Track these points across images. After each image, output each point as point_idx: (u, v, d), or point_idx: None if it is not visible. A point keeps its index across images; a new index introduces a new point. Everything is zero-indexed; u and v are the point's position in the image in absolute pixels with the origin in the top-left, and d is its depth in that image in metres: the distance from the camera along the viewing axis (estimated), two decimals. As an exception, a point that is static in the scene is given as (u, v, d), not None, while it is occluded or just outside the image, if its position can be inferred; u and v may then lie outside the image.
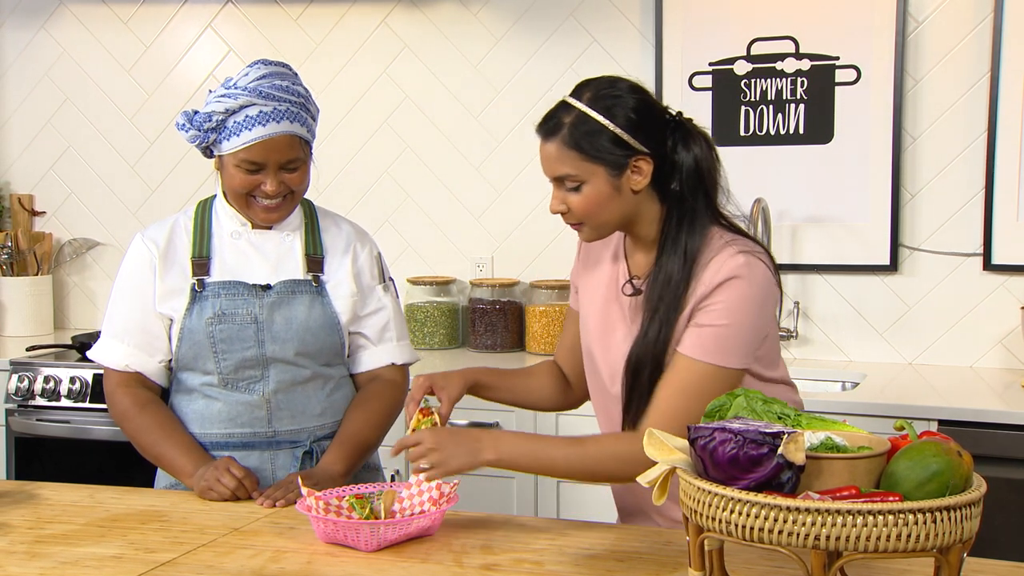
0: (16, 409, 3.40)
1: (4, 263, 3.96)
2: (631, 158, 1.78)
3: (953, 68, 3.22)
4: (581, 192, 1.80)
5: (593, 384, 2.00)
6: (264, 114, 2.02)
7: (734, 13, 3.37)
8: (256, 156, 2.04)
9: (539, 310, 3.51)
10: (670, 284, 1.79)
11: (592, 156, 1.77)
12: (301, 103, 2.07)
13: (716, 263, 1.77)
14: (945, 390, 3.00)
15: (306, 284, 2.15)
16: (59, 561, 1.67)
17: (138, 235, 2.19)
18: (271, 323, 2.11)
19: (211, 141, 2.07)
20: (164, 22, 3.96)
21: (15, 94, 4.14)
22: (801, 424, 1.45)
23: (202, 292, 2.11)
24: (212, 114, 2.04)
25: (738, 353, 1.78)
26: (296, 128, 2.06)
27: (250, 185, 2.07)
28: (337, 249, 2.21)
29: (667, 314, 1.79)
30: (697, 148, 1.82)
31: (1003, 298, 3.23)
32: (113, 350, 2.14)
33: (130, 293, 2.15)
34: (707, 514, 1.29)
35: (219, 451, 2.12)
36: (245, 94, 2.03)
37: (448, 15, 3.69)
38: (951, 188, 3.25)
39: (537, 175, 3.66)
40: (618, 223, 1.85)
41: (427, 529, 1.77)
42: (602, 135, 1.77)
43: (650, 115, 1.81)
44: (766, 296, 1.80)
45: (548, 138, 1.81)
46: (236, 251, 2.15)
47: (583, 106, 1.79)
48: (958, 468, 1.29)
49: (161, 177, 4.02)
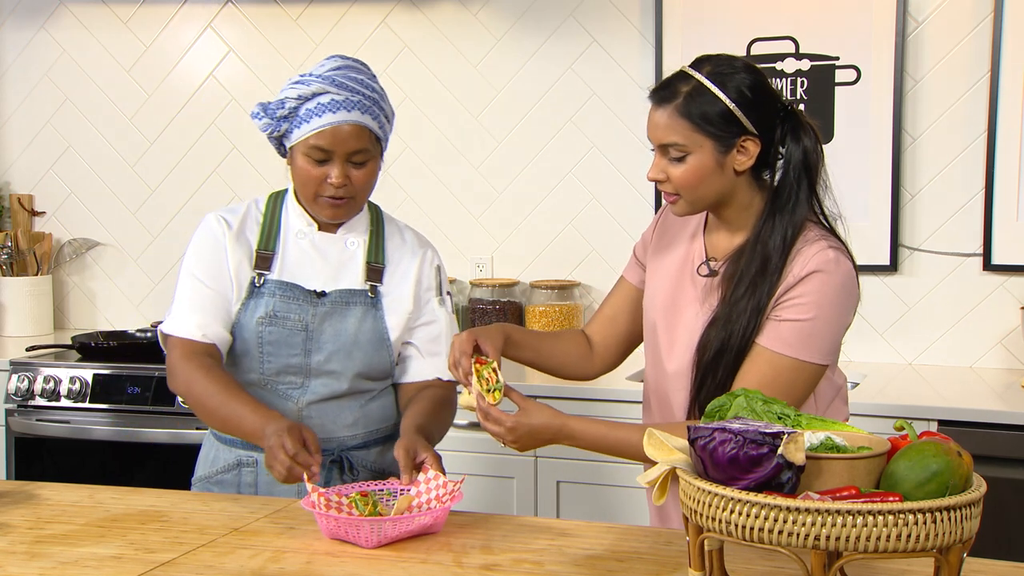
0: (16, 409, 3.40)
1: (4, 263, 3.96)
2: (740, 137, 1.79)
3: (953, 68, 3.22)
4: (684, 163, 1.80)
5: (650, 356, 2.00)
6: (336, 102, 2.00)
7: (734, 13, 3.37)
8: (324, 142, 2.00)
9: (539, 310, 3.51)
10: (767, 270, 1.80)
11: (702, 128, 1.78)
12: (375, 98, 2.05)
13: (805, 255, 1.78)
14: (945, 390, 3.00)
15: (362, 295, 2.12)
16: (59, 561, 1.67)
17: (211, 214, 2.15)
18: (320, 333, 2.08)
19: (283, 131, 2.05)
20: (164, 22, 3.96)
21: (15, 94, 4.14)
22: (801, 424, 1.45)
23: (260, 288, 2.09)
24: (285, 100, 2.02)
25: (822, 348, 1.79)
26: (367, 120, 2.02)
27: (318, 177, 2.03)
28: (400, 262, 2.17)
29: (761, 298, 1.79)
30: (807, 140, 1.83)
31: (1003, 298, 3.23)
32: (189, 321, 2.07)
33: (205, 264, 2.10)
34: (707, 514, 1.29)
35: (248, 451, 2.10)
36: (319, 81, 2.01)
37: (448, 15, 3.69)
38: (951, 188, 3.25)
39: (537, 175, 3.68)
40: (713, 201, 1.85)
41: (431, 527, 1.77)
42: (716, 109, 1.78)
43: (764, 98, 1.82)
44: (850, 295, 1.81)
45: (661, 104, 1.81)
46: (299, 251, 2.13)
47: (702, 77, 1.80)
48: (958, 468, 1.29)
49: (161, 177, 4.01)
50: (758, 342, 1.79)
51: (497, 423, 1.85)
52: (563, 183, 3.62)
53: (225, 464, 2.14)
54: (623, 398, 2.94)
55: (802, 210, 1.83)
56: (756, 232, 1.83)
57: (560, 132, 3.61)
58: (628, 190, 3.54)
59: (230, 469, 2.13)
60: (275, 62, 3.84)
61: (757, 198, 1.86)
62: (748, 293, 1.80)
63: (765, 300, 1.79)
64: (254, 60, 3.87)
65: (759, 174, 1.86)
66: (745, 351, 1.80)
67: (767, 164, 1.85)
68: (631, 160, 3.54)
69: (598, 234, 3.59)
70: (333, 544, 1.74)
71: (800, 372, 1.78)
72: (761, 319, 1.79)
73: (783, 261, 1.80)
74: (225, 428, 2.03)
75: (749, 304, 1.79)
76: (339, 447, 2.11)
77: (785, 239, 1.81)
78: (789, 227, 1.81)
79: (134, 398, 3.31)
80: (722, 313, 1.82)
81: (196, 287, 2.09)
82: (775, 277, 1.79)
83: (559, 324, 3.48)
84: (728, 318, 1.81)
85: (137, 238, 4.06)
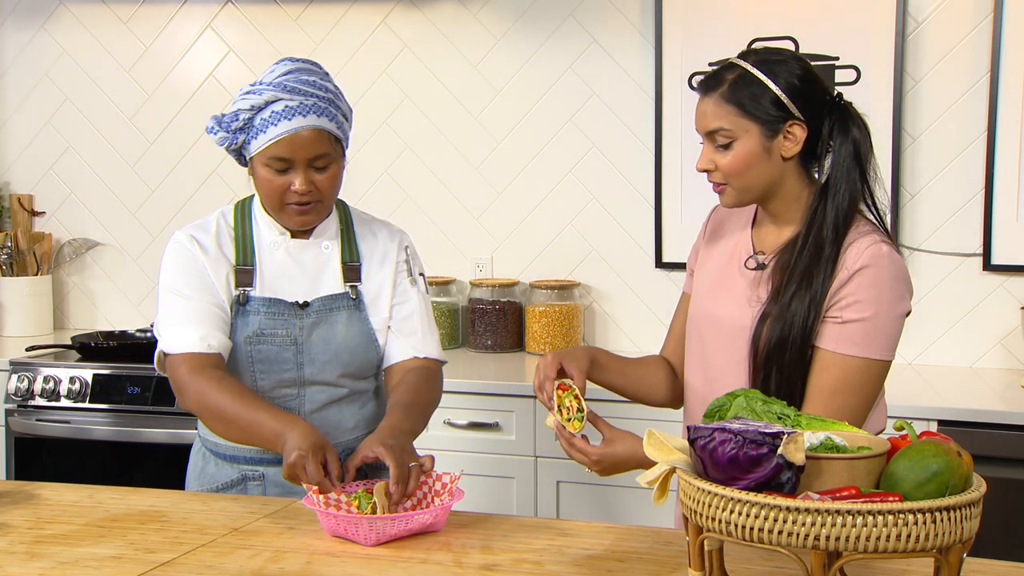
0: (16, 409, 3.40)
1: (4, 263, 3.96)
2: (786, 122, 1.79)
3: (953, 68, 3.22)
4: (731, 149, 1.80)
5: (695, 345, 1.97)
6: (290, 108, 1.97)
7: (734, 13, 3.37)
8: (284, 152, 1.97)
9: (539, 310, 3.51)
10: (820, 259, 1.79)
11: (748, 112, 1.78)
12: (329, 99, 2.01)
13: (858, 247, 1.78)
14: (945, 390, 3.00)
15: (344, 298, 2.11)
16: (59, 561, 1.67)
17: (179, 234, 2.09)
18: (309, 345, 2.06)
19: (240, 143, 2.02)
20: (164, 22, 3.96)
21: (15, 94, 4.14)
22: (801, 424, 1.45)
23: (245, 306, 2.06)
24: (239, 112, 1.99)
25: (886, 343, 1.79)
26: (324, 123, 1.99)
27: (281, 187, 2.01)
28: (374, 257, 2.16)
29: (817, 288, 1.78)
30: (856, 131, 1.83)
31: (1003, 298, 3.23)
32: (188, 335, 2.00)
33: (186, 279, 2.04)
34: (707, 514, 1.29)
35: (252, 466, 2.08)
36: (270, 89, 1.98)
37: (448, 15, 3.69)
38: (951, 188, 3.25)
39: (537, 175, 3.67)
40: (762, 190, 1.84)
41: (431, 525, 1.77)
42: (763, 94, 1.79)
43: (812, 85, 1.82)
44: (905, 285, 1.81)
45: (708, 92, 1.83)
46: (275, 262, 2.10)
47: (748, 65, 1.81)
48: (958, 468, 1.29)
49: (161, 177, 4.01)
50: (822, 346, 1.79)
51: (582, 454, 1.84)
52: (563, 183, 3.62)
53: (228, 480, 2.11)
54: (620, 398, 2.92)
55: (854, 200, 1.83)
56: (808, 222, 1.83)
57: (560, 132, 3.61)
58: (628, 190, 3.54)
59: (234, 485, 2.10)
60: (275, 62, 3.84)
61: (806, 192, 1.86)
62: (804, 284, 1.79)
63: (821, 292, 1.78)
64: (254, 60, 3.87)
65: (808, 167, 1.86)
66: (806, 343, 1.79)
67: (815, 156, 1.85)
68: (631, 160, 3.54)
69: (598, 234, 3.59)
70: (333, 544, 1.73)
71: (869, 370, 1.78)
72: (819, 311, 1.78)
73: (836, 251, 1.79)
74: (245, 438, 1.98)
75: (806, 295, 1.78)
76: (344, 452, 2.09)
77: (838, 228, 1.80)
78: (841, 216, 1.81)
79: (134, 398, 3.31)
80: (777, 306, 1.81)
81: (183, 302, 2.04)
82: (829, 267, 1.78)
83: (559, 324, 3.48)
84: (784, 310, 1.79)
85: (137, 238, 4.06)
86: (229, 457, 2.11)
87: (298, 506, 1.93)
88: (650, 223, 3.53)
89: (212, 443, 2.13)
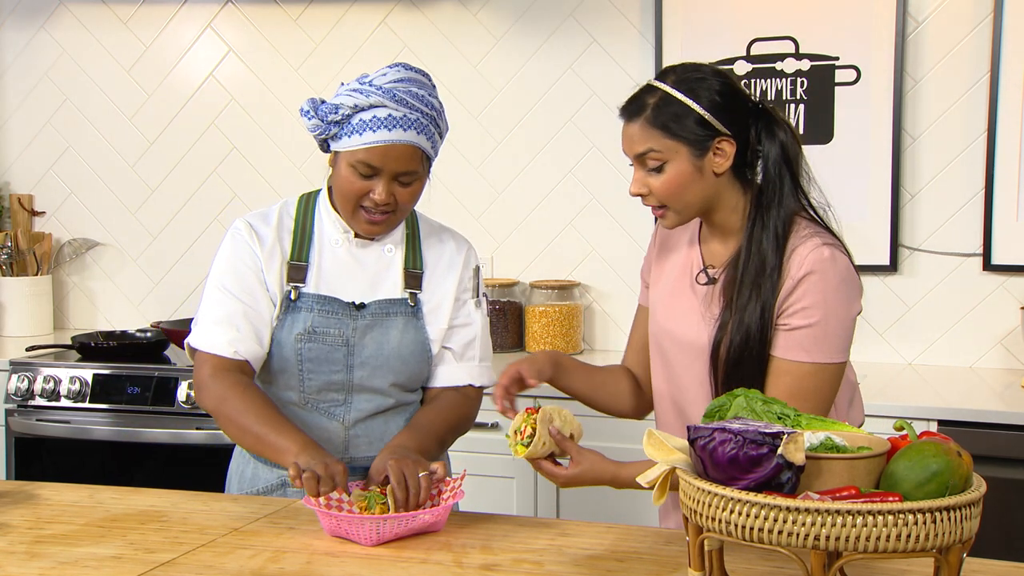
0: (16, 409, 3.40)
1: (4, 263, 3.96)
2: (714, 139, 1.78)
3: (953, 68, 3.22)
4: (663, 172, 1.80)
5: (659, 370, 1.97)
6: (393, 118, 1.92)
7: (734, 13, 3.37)
8: (374, 159, 1.92)
9: (539, 310, 3.51)
10: (765, 269, 1.79)
11: (675, 135, 1.77)
12: (433, 117, 1.96)
13: (800, 254, 1.78)
14: (945, 390, 3.00)
15: (402, 304, 2.04)
16: (58, 561, 1.67)
17: (241, 221, 2.04)
18: (362, 347, 2.01)
19: (331, 134, 1.96)
20: (164, 22, 3.96)
21: (15, 94, 4.14)
22: (801, 424, 1.45)
23: (296, 302, 2.00)
24: (340, 106, 1.93)
25: (837, 346, 1.79)
26: (422, 141, 1.94)
27: (360, 190, 1.94)
28: (438, 267, 2.10)
29: (767, 298, 1.78)
30: (782, 134, 1.83)
31: (1003, 298, 3.23)
32: (219, 336, 1.97)
33: (236, 276, 2.00)
34: (707, 514, 1.29)
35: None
36: (379, 93, 1.92)
37: (448, 15, 3.69)
38: (951, 188, 3.25)
39: (537, 175, 3.67)
40: (700, 207, 1.84)
41: (432, 524, 1.77)
42: (686, 115, 1.77)
43: (734, 99, 1.81)
44: (851, 287, 1.80)
45: (632, 118, 1.81)
46: (335, 260, 2.04)
47: (668, 87, 1.79)
48: (958, 468, 1.29)
49: (161, 177, 4.01)
50: (774, 354, 1.79)
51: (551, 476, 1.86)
52: (563, 183, 3.62)
53: (267, 485, 2.07)
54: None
55: (789, 204, 1.82)
56: (748, 234, 1.82)
57: (560, 132, 3.61)
58: (628, 190, 3.54)
59: (274, 489, 2.07)
60: (275, 62, 3.84)
61: (743, 199, 1.85)
62: (753, 296, 1.79)
63: (771, 299, 1.78)
64: (254, 60, 3.87)
65: (742, 175, 1.85)
66: (764, 353, 1.79)
67: (747, 164, 1.84)
68: (631, 160, 3.54)
69: (598, 234, 3.59)
70: (333, 544, 1.73)
71: (822, 374, 1.78)
72: (771, 319, 1.78)
73: (779, 259, 1.79)
74: (257, 448, 1.94)
75: (757, 306, 1.78)
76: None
77: (778, 236, 1.80)
78: (779, 224, 1.81)
79: (134, 398, 3.31)
80: (731, 319, 1.80)
81: (225, 300, 1.99)
82: (775, 276, 1.78)
83: (559, 324, 3.48)
84: (739, 323, 1.79)
85: (137, 238, 4.06)
86: (270, 462, 2.04)
87: (298, 506, 1.93)
88: (650, 223, 3.52)
89: None
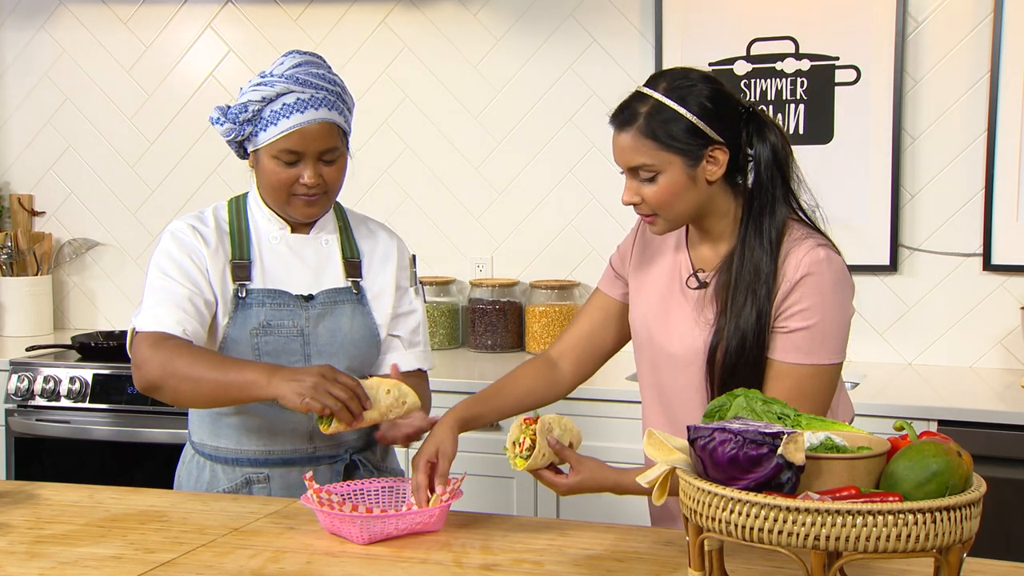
0: (16, 409, 3.40)
1: (4, 263, 3.96)
2: (707, 148, 1.78)
3: (953, 68, 3.22)
4: (656, 183, 1.79)
5: (647, 376, 1.97)
6: (302, 101, 1.96)
7: (734, 13, 3.37)
8: (295, 145, 1.96)
9: (539, 310, 3.51)
10: (760, 273, 1.79)
11: (668, 146, 1.76)
12: (338, 92, 2.02)
13: (796, 256, 1.78)
14: (945, 390, 3.00)
15: (347, 292, 2.10)
16: (58, 561, 1.67)
17: (179, 223, 2.06)
18: (316, 336, 2.05)
19: (247, 134, 2.00)
20: (164, 22, 3.96)
21: (15, 94, 4.14)
22: (801, 424, 1.45)
23: (245, 299, 2.03)
24: (248, 104, 1.97)
25: (834, 347, 1.79)
26: (334, 116, 2.00)
27: (288, 179, 1.99)
28: (375, 256, 2.16)
29: (762, 302, 1.78)
30: (773, 136, 1.82)
31: (1003, 298, 3.23)
32: (164, 316, 1.94)
33: (178, 266, 2.00)
34: (707, 514, 1.29)
35: (257, 468, 2.07)
36: (282, 81, 1.97)
37: (448, 15, 3.69)
38: (951, 188, 3.25)
39: (537, 175, 3.67)
40: (692, 214, 1.84)
41: (427, 525, 1.77)
42: (678, 124, 1.76)
43: (725, 105, 1.80)
44: (846, 288, 1.81)
45: (623, 128, 1.80)
46: (276, 256, 2.08)
47: (659, 95, 1.78)
48: (958, 468, 1.29)
49: (161, 177, 4.01)
50: (772, 357, 1.79)
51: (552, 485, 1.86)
52: (563, 183, 3.62)
53: (231, 486, 2.08)
54: (622, 398, 2.94)
55: (781, 208, 1.82)
56: (741, 238, 1.82)
57: (560, 132, 3.61)
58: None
59: (237, 491, 2.08)
60: (275, 62, 3.84)
61: (735, 204, 1.85)
62: (749, 299, 1.78)
63: (767, 303, 1.78)
64: (254, 60, 3.87)
65: (733, 180, 1.84)
66: (761, 356, 1.79)
67: (738, 169, 1.84)
68: (631, 160, 3.54)
69: (598, 234, 3.59)
70: (333, 544, 1.73)
71: (821, 375, 1.78)
72: (767, 322, 1.78)
73: (774, 263, 1.79)
74: (219, 394, 1.88)
75: (753, 310, 1.78)
76: (349, 451, 2.10)
77: (771, 241, 1.80)
78: (772, 228, 1.81)
79: (134, 398, 3.31)
80: (727, 324, 1.80)
81: (169, 286, 1.99)
82: (771, 280, 1.79)
83: (559, 324, 3.48)
84: (735, 328, 1.79)
85: (137, 238, 4.06)
86: (231, 460, 2.08)
87: (298, 506, 1.93)
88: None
89: (211, 448, 2.10)
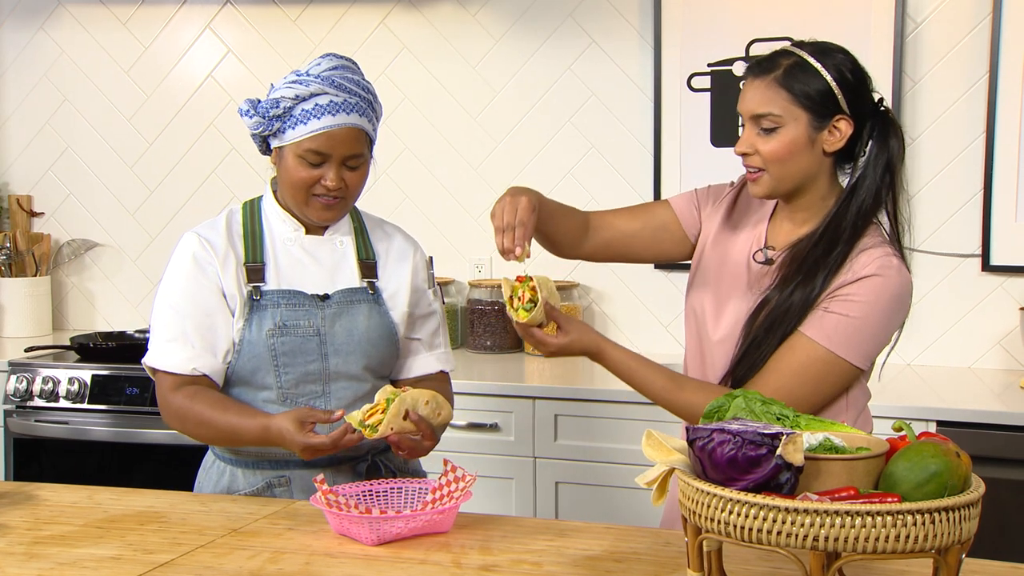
0: (14, 410, 3.40)
1: (3, 264, 3.96)
2: (834, 116, 1.79)
3: (952, 68, 3.22)
4: (775, 136, 1.80)
5: (693, 329, 2.00)
6: (335, 104, 1.97)
7: (733, 14, 3.37)
8: (322, 146, 1.96)
9: (538, 311, 3.50)
10: (830, 255, 1.79)
11: (800, 100, 1.78)
12: (369, 100, 2.03)
13: (870, 255, 1.79)
14: (944, 391, 3.00)
15: (362, 292, 2.09)
16: (57, 562, 1.67)
17: (190, 234, 2.08)
18: (333, 335, 2.04)
19: (274, 130, 2.00)
20: (163, 23, 3.96)
21: (14, 95, 4.14)
22: (800, 425, 1.45)
23: (260, 301, 2.03)
24: (280, 100, 1.97)
25: (861, 350, 1.79)
26: (364, 123, 2.00)
27: (311, 179, 1.99)
28: (390, 256, 2.15)
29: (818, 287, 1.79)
30: (895, 140, 1.84)
31: (1002, 299, 3.23)
32: (175, 354, 2.00)
33: (185, 290, 2.02)
34: (705, 515, 1.29)
35: (278, 471, 2.05)
36: (318, 82, 1.97)
37: (447, 16, 3.69)
38: (950, 189, 3.26)
39: (537, 175, 3.67)
40: (797, 182, 1.84)
41: (436, 524, 1.77)
42: (816, 82, 1.78)
43: (862, 84, 1.83)
44: (902, 305, 1.81)
45: (760, 75, 1.82)
46: (291, 257, 2.08)
47: (805, 54, 1.80)
48: (956, 469, 1.29)
49: (160, 178, 4.01)
50: (801, 330, 1.79)
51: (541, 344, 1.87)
52: (563, 183, 3.61)
53: (252, 490, 2.07)
54: (619, 399, 2.94)
55: (877, 207, 1.83)
56: (826, 224, 1.83)
57: (559, 132, 3.61)
58: (627, 191, 3.54)
59: (259, 494, 2.06)
60: (274, 63, 3.84)
61: (832, 192, 1.86)
62: (808, 278, 1.79)
63: (820, 288, 1.79)
64: (253, 61, 3.87)
65: (841, 166, 1.86)
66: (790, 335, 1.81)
67: (851, 157, 1.85)
68: (630, 161, 3.54)
69: (597, 235, 3.59)
70: (332, 544, 1.73)
71: (833, 367, 1.78)
72: (816, 300, 1.79)
73: (846, 251, 1.80)
74: (229, 440, 2.01)
75: (807, 288, 1.79)
76: (371, 451, 2.08)
77: (856, 229, 1.81)
78: (860, 220, 1.81)
79: (132, 399, 3.31)
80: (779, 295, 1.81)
81: (176, 319, 2.02)
82: (835, 265, 1.79)
83: (558, 325, 3.48)
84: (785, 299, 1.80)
85: (136, 239, 4.06)
86: (252, 464, 2.07)
87: (297, 506, 1.93)
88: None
89: (232, 451, 2.09)
